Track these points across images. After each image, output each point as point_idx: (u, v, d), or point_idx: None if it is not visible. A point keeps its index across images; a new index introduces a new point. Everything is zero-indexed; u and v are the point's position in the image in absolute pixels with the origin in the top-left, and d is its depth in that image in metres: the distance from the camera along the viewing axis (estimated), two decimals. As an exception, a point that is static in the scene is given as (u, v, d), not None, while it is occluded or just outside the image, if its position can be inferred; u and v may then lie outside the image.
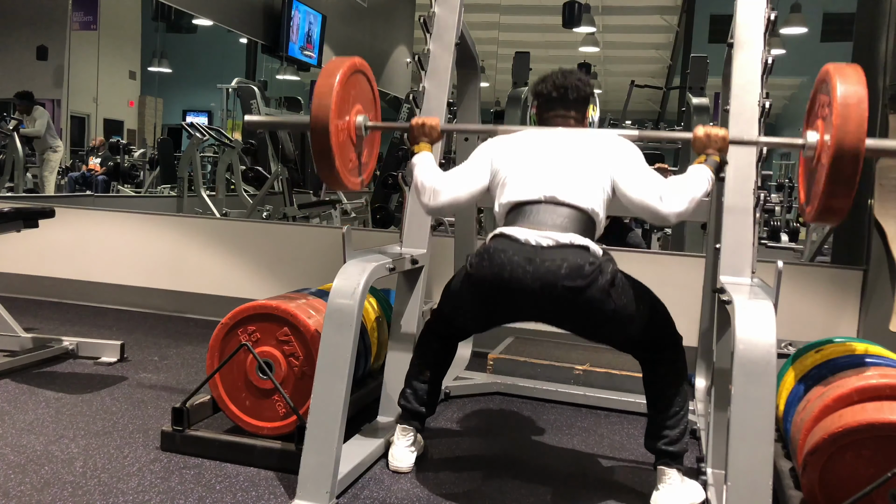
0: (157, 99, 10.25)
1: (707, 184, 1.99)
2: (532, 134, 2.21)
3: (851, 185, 1.76)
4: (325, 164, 2.13)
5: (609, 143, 2.12)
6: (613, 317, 1.94)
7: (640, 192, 2.00)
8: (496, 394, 3.09)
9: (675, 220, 1.99)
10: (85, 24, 7.15)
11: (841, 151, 1.73)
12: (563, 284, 1.87)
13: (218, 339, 2.33)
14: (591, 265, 1.89)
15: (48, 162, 7.02)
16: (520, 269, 1.90)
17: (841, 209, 1.82)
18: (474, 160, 2.21)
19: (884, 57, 3.35)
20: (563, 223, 1.98)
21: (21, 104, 6.85)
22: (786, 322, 1.95)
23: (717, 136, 2.04)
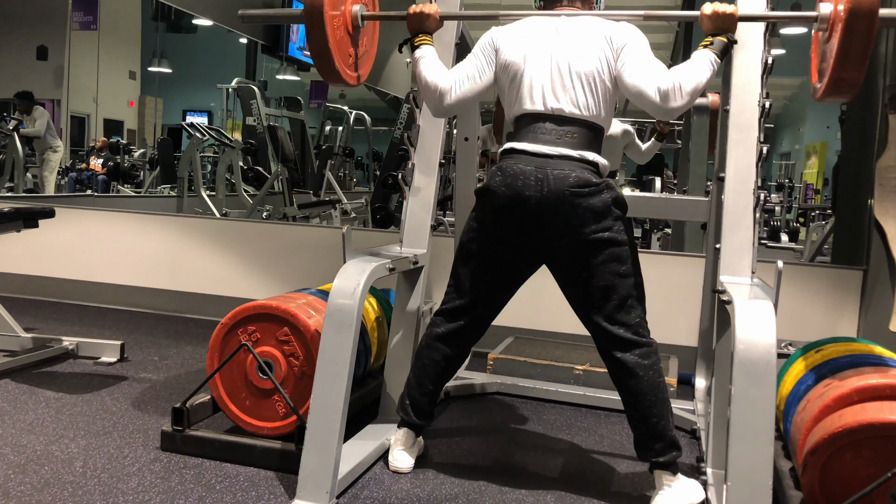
0: (157, 99, 10.25)
1: (711, 69, 1.97)
2: (536, 24, 2.15)
3: (865, 55, 1.74)
4: (321, 56, 2.08)
5: (613, 30, 2.07)
6: (607, 243, 1.98)
7: (639, 81, 1.98)
8: (496, 394, 3.09)
9: (676, 113, 1.98)
10: (85, 24, 7.15)
11: (854, 19, 1.71)
12: (570, 190, 1.96)
13: (218, 339, 2.33)
14: (598, 182, 1.98)
15: (48, 162, 7.02)
16: (531, 177, 1.98)
17: (854, 81, 1.79)
18: (478, 54, 2.17)
19: (884, 57, 3.36)
20: (570, 139, 2.03)
21: (21, 104, 6.85)
22: (786, 322, 1.95)
23: (724, 13, 2.01)
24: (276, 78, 9.89)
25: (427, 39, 2.24)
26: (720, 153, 2.39)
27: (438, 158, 2.61)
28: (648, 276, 2.17)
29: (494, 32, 2.19)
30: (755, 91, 2.30)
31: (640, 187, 7.56)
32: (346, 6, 2.20)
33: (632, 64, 2.01)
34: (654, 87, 1.95)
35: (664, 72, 1.98)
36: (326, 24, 2.04)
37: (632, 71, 2.01)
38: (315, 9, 2.04)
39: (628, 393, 2.06)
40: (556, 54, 2.07)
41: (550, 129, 2.04)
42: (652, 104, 1.97)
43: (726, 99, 2.35)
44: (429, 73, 2.18)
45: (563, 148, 2.01)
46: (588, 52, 2.06)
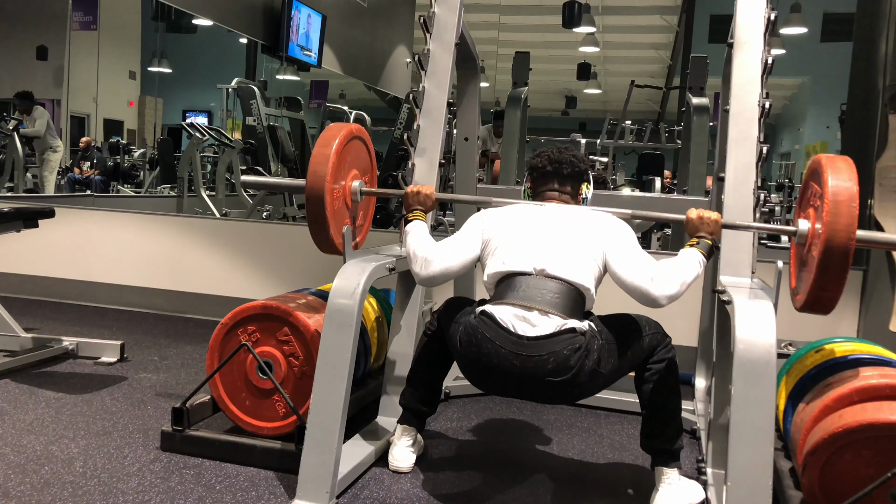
0: (157, 99, 10.25)
1: (698, 268, 1.97)
2: (525, 207, 2.21)
3: (842, 277, 1.78)
4: (319, 230, 2.16)
5: (602, 222, 2.11)
6: (606, 383, 2.01)
7: (633, 274, 1.98)
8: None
9: (666, 303, 1.95)
10: (85, 24, 7.15)
11: (831, 249, 1.75)
12: (549, 380, 1.90)
13: (218, 339, 2.33)
14: (578, 351, 1.90)
15: (48, 162, 7.02)
16: (507, 363, 1.91)
17: (831, 300, 1.85)
18: (466, 231, 2.20)
19: (884, 57, 3.36)
20: (553, 299, 1.96)
21: (21, 104, 6.85)
22: (786, 322, 1.95)
23: (709, 220, 2.04)
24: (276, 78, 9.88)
25: (420, 215, 2.29)
26: (720, 153, 2.40)
27: (438, 158, 2.61)
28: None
29: (484, 213, 2.24)
30: (755, 91, 2.30)
31: (640, 187, 7.56)
32: (347, 182, 2.27)
33: (624, 257, 2.03)
34: (647, 277, 1.96)
35: (656, 265, 1.99)
36: (326, 199, 2.11)
37: (625, 263, 2.01)
38: (317, 184, 2.10)
39: (648, 380, 2.08)
40: (546, 228, 2.11)
41: (533, 286, 1.99)
42: (645, 293, 1.95)
43: (726, 99, 2.35)
44: (417, 245, 2.19)
45: (540, 315, 1.92)
46: (578, 232, 2.09)
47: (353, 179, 2.30)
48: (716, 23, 10.26)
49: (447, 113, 2.69)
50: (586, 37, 10.22)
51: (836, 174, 1.79)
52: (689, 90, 4.49)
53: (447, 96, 2.68)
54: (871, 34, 3.49)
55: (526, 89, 5.01)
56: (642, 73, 11.70)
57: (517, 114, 4.92)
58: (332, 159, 2.12)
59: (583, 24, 9.02)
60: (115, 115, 9.42)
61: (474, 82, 3.24)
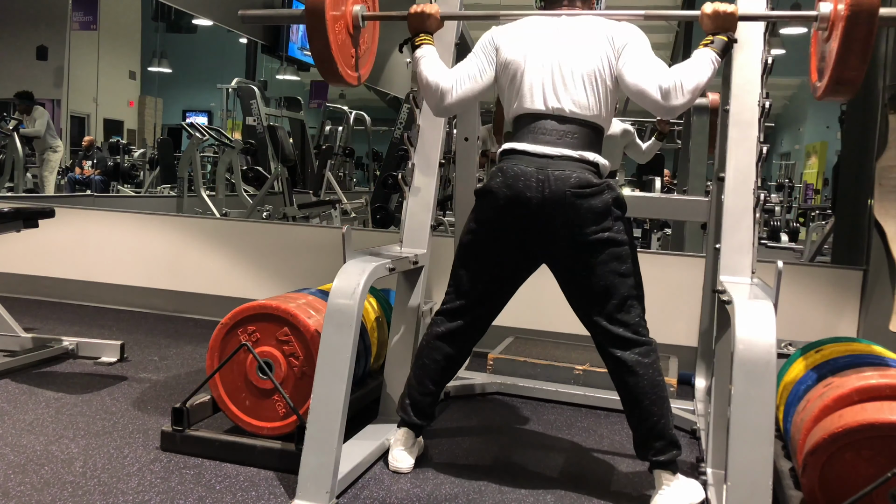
0: (157, 99, 10.26)
1: (712, 68, 1.98)
2: (536, 23, 2.15)
3: (865, 55, 1.74)
4: (322, 56, 2.09)
5: (613, 29, 2.08)
6: (607, 243, 1.99)
7: (640, 80, 1.99)
8: (496, 394, 3.09)
9: (677, 111, 1.98)
10: (85, 24, 7.15)
11: (854, 19, 1.72)
12: (571, 191, 1.97)
13: (218, 339, 2.33)
14: (598, 185, 1.98)
15: (48, 162, 7.02)
16: (532, 178, 1.98)
17: (854, 79, 1.80)
18: (479, 54, 2.18)
19: (884, 57, 3.36)
20: (571, 140, 2.03)
21: (21, 104, 6.85)
22: (786, 322, 1.95)
23: (724, 12, 2.02)
24: (276, 78, 9.88)
25: (428, 39, 2.25)
26: (720, 153, 2.39)
27: (438, 158, 2.61)
28: (648, 276, 2.17)
29: (495, 32, 2.19)
30: (755, 91, 2.30)
31: (640, 187, 7.56)
32: (347, 7, 2.20)
33: (633, 63, 2.02)
34: (655, 86, 1.96)
35: (665, 70, 1.99)
36: (327, 25, 2.05)
37: (633, 70, 2.01)
38: (316, 9, 2.04)
39: (628, 392, 2.06)
40: (557, 53, 2.08)
41: (551, 129, 2.04)
42: (653, 102, 1.97)
43: (726, 99, 2.35)
44: (429, 72, 2.18)
45: (563, 148, 2.01)
46: (589, 52, 2.06)
47: (353, 4, 2.22)
48: (716, 23, 10.23)
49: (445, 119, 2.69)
50: (586, 37, 10.18)
51: None
52: (689, 90, 4.48)
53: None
54: (871, 34, 3.49)
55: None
56: (642, 73, 11.64)
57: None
58: None
59: (583, 24, 8.99)
60: (115, 115, 9.43)
61: (474, 82, 3.23)
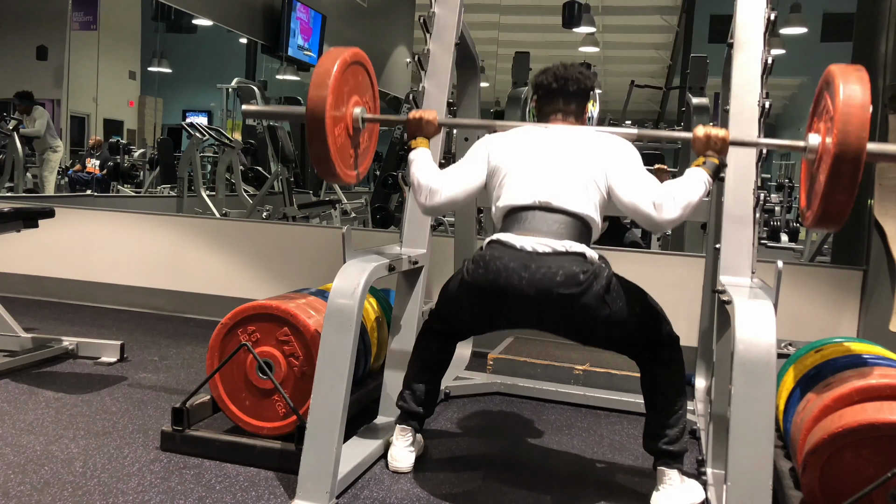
0: (157, 99, 10.25)
1: (704, 188, 1.97)
2: (529, 132, 2.19)
3: (852, 191, 1.75)
4: (321, 157, 2.11)
5: (606, 143, 2.11)
6: (608, 321, 1.95)
7: (634, 195, 1.99)
8: (496, 394, 3.09)
9: (667, 227, 1.97)
10: (85, 24, 7.15)
11: (842, 156, 1.72)
12: (558, 292, 1.88)
13: (218, 339, 2.33)
14: (586, 272, 1.90)
15: (48, 162, 7.02)
16: (515, 276, 1.91)
17: (840, 214, 1.81)
18: (471, 157, 2.20)
19: (884, 57, 3.36)
20: (558, 229, 1.98)
21: (21, 104, 6.85)
22: (786, 322, 1.95)
23: (716, 137, 2.02)
24: (276, 78, 9.88)
25: (424, 143, 2.28)
26: (720, 153, 2.39)
27: (438, 158, 2.61)
28: (649, 276, 2.17)
29: (488, 138, 2.22)
30: (755, 91, 2.30)
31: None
32: (348, 109, 2.23)
33: (627, 178, 2.03)
34: (649, 201, 1.96)
35: (658, 186, 1.99)
36: (327, 126, 2.07)
37: (627, 185, 2.01)
38: (317, 110, 2.07)
39: (654, 379, 2.07)
40: (550, 155, 2.09)
41: (538, 218, 2.00)
42: (646, 216, 1.96)
43: (726, 99, 2.35)
44: (421, 174, 2.19)
45: (549, 238, 1.95)
46: (581, 157, 2.08)
47: (354, 106, 2.24)
48: (716, 23, 10.26)
49: (447, 113, 2.69)
50: (586, 37, 10.22)
51: (848, 82, 1.75)
52: (689, 90, 4.49)
53: (447, 96, 2.68)
54: (871, 34, 3.49)
55: (526, 89, 5.02)
56: (642, 73, 11.69)
57: (517, 114, 4.92)
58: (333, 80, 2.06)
59: (583, 24, 9.02)
60: (115, 115, 9.42)
61: (474, 82, 3.24)
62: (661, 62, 12.76)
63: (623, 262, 2.24)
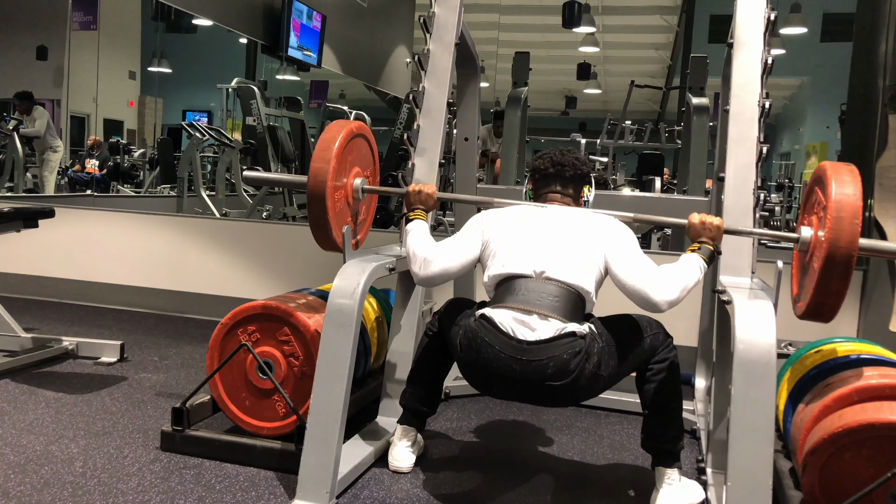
0: (157, 99, 10.25)
1: (699, 273, 1.97)
2: (526, 209, 2.20)
3: (844, 285, 1.78)
4: (319, 224, 2.15)
5: (603, 224, 2.11)
6: (606, 383, 1.99)
7: (633, 277, 1.98)
8: (496, 394, 3.09)
9: (666, 308, 1.95)
10: (85, 24, 7.14)
11: (834, 252, 1.74)
12: (549, 384, 1.90)
13: (218, 339, 2.33)
14: (577, 356, 1.89)
15: (48, 162, 7.02)
16: (506, 367, 1.91)
17: (831, 310, 1.84)
18: (466, 232, 2.19)
19: (884, 57, 3.36)
20: (552, 303, 1.95)
21: (21, 104, 6.85)
22: (786, 322, 1.95)
23: (711, 225, 2.04)
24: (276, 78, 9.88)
25: (421, 215, 2.29)
26: (720, 153, 2.40)
27: (438, 158, 2.61)
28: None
29: (484, 214, 2.23)
30: (755, 91, 2.30)
31: (640, 187, 7.57)
32: (349, 179, 2.27)
33: (625, 260, 2.02)
34: (648, 282, 1.95)
35: (656, 268, 1.99)
36: (327, 195, 2.10)
37: (626, 266, 2.01)
38: (318, 180, 2.10)
39: (649, 380, 2.07)
40: (546, 230, 2.10)
41: (532, 289, 1.98)
42: (645, 298, 1.95)
43: (726, 99, 2.35)
44: (416, 245, 2.19)
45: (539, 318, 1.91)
46: (579, 235, 2.08)
47: (354, 177, 2.29)
48: (716, 23, 10.26)
49: (447, 113, 2.69)
50: (586, 37, 10.22)
51: (841, 186, 1.78)
52: (689, 90, 4.49)
53: (447, 96, 2.68)
54: (871, 34, 3.49)
55: (526, 89, 5.02)
56: (642, 73, 11.69)
57: (517, 114, 4.92)
58: (333, 164, 2.11)
59: (583, 24, 9.02)
60: (115, 115, 9.42)
61: (474, 82, 3.24)
62: (661, 62, 12.75)
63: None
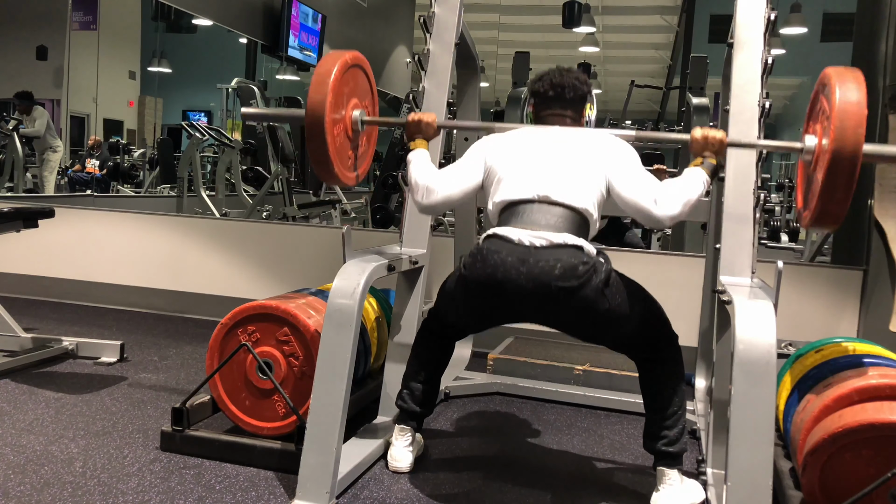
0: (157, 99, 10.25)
1: (702, 187, 1.98)
2: (527, 132, 2.20)
3: (848, 191, 1.75)
4: (320, 158, 2.12)
5: (604, 143, 2.11)
6: (607, 316, 1.94)
7: (634, 193, 1.99)
8: (496, 394, 3.09)
9: (668, 223, 1.98)
10: (85, 24, 7.15)
11: (838, 157, 1.72)
12: (556, 285, 1.87)
13: (218, 340, 2.33)
14: (585, 265, 1.89)
15: (48, 162, 7.02)
16: (513, 271, 1.90)
17: (837, 214, 1.81)
18: (468, 158, 2.20)
19: (884, 57, 3.36)
20: (557, 223, 1.98)
21: (21, 104, 6.85)
22: (786, 322, 1.95)
23: (714, 139, 2.03)
24: (276, 78, 9.88)
25: (423, 144, 2.29)
26: (720, 153, 2.39)
27: (438, 158, 2.61)
28: (648, 276, 2.17)
29: (487, 139, 2.23)
30: (755, 91, 2.30)
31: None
32: (347, 111, 2.24)
33: (626, 176, 2.03)
34: (650, 198, 1.97)
35: (658, 184, 2.00)
36: (326, 128, 2.08)
37: (628, 183, 2.02)
38: (316, 112, 2.08)
39: (652, 379, 2.07)
40: (548, 153, 2.10)
41: (536, 212, 2.00)
42: (646, 213, 1.97)
43: (726, 99, 2.35)
44: (418, 174, 2.20)
45: (547, 232, 1.94)
46: (581, 155, 2.08)
47: (353, 109, 2.26)
48: (716, 23, 10.26)
49: (447, 113, 2.69)
50: (586, 37, 10.22)
51: (844, 84, 1.75)
52: (689, 90, 4.50)
53: (447, 96, 2.68)
54: (871, 34, 3.49)
55: (526, 89, 5.02)
56: (642, 73, 11.69)
57: (517, 114, 4.93)
58: (332, 83, 2.07)
59: (583, 24, 9.02)
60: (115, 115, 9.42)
61: (474, 82, 3.24)
62: (661, 62, 12.75)
63: (623, 261, 2.24)
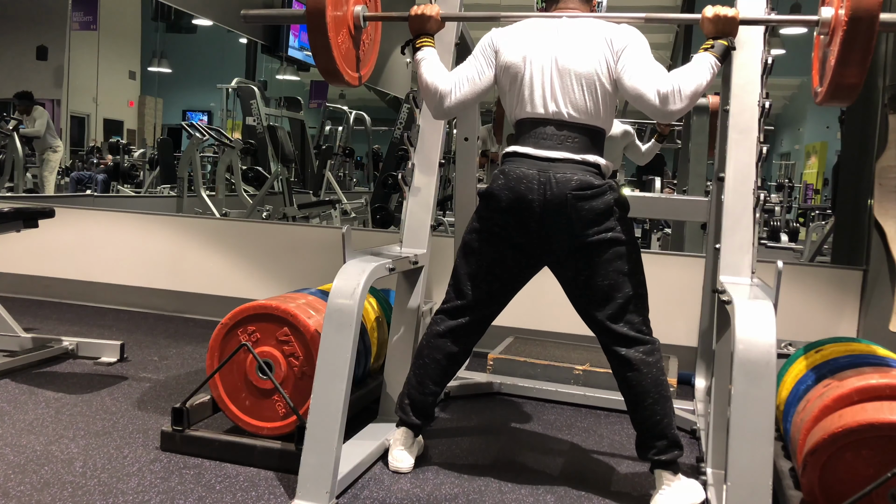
0: (157, 99, 10.26)
1: (711, 72, 1.99)
2: (535, 27, 2.15)
3: (864, 62, 1.74)
4: (322, 55, 2.09)
5: (614, 32, 2.08)
6: (610, 243, 2.01)
7: (639, 82, 2.00)
8: (496, 394, 3.09)
9: (674, 115, 1.99)
10: (85, 24, 7.15)
11: (855, 25, 1.72)
12: (572, 193, 1.98)
13: (218, 340, 2.33)
14: (600, 184, 2.01)
15: (48, 162, 7.03)
16: (534, 180, 2.01)
17: (854, 84, 1.80)
18: (478, 56, 2.19)
19: (884, 57, 3.36)
20: (570, 144, 2.05)
21: (21, 104, 6.85)
22: (786, 322, 1.95)
23: (725, 17, 2.02)
24: (276, 78, 9.89)
25: (429, 41, 2.25)
26: (720, 153, 2.39)
27: (438, 158, 2.61)
28: (648, 276, 2.17)
29: (494, 34, 2.19)
30: (755, 91, 2.30)
31: (640, 187, 7.57)
32: (349, 7, 2.20)
33: (632, 67, 2.02)
34: (653, 90, 1.97)
35: (664, 74, 1.99)
36: (328, 25, 2.05)
37: (632, 74, 2.02)
38: (317, 9, 2.05)
39: (631, 390, 2.06)
40: (556, 56, 2.08)
41: (551, 134, 2.06)
42: (651, 107, 1.98)
43: (726, 99, 2.35)
44: (429, 75, 2.19)
45: (564, 152, 2.03)
46: (588, 54, 2.06)
47: (354, 4, 2.23)
48: (716, 23, 10.23)
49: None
50: (586, 37, 10.19)
51: None
52: (689, 90, 4.49)
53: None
54: (871, 34, 3.49)
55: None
56: (642, 73, 11.65)
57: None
58: None
59: (583, 24, 9.00)
60: (115, 115, 9.43)
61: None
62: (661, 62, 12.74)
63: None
